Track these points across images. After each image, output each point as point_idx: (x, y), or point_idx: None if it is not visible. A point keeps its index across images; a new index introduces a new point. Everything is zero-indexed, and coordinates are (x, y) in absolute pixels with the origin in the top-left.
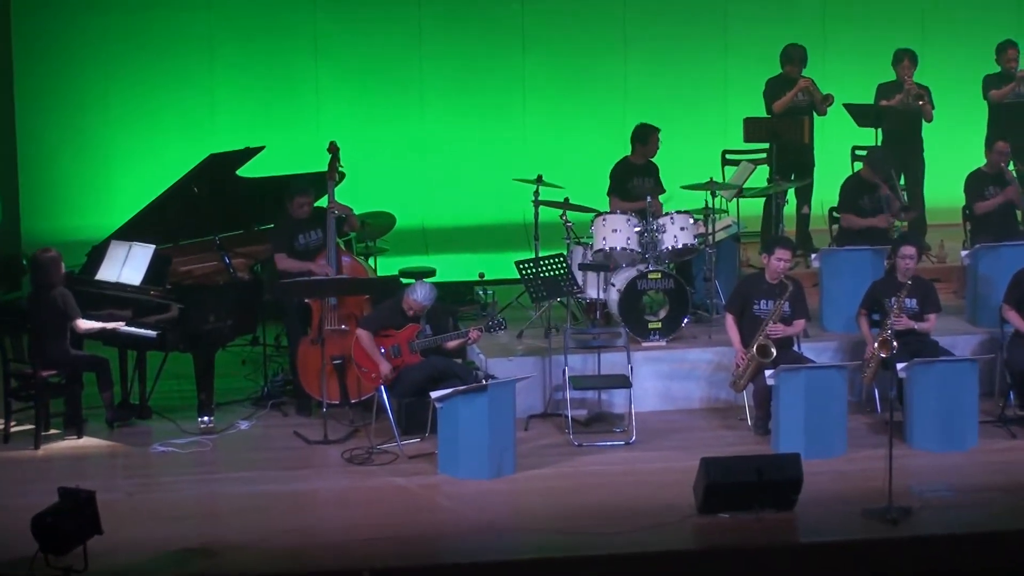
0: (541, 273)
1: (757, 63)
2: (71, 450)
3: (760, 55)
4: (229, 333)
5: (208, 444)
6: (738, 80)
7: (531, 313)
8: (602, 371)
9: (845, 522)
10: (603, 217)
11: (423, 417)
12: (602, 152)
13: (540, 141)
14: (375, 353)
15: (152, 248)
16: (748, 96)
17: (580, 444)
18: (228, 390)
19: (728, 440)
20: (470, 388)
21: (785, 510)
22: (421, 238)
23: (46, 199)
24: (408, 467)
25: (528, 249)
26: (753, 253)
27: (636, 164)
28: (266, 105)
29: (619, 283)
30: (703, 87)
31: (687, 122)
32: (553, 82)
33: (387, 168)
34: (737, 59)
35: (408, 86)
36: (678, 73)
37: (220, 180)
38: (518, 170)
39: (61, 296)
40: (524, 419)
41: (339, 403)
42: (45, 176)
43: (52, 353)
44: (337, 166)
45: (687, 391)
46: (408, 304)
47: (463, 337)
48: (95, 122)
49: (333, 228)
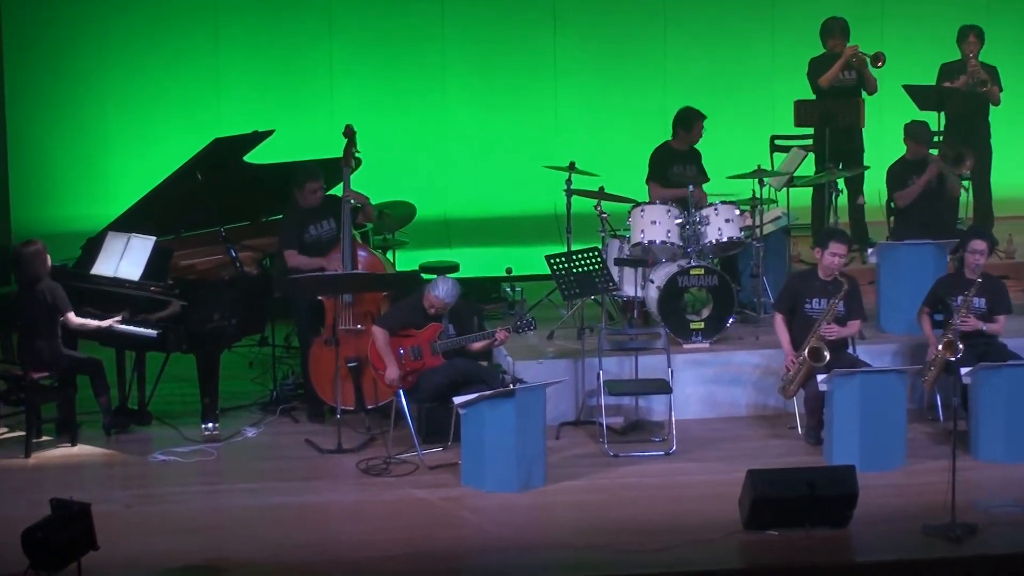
0: (574, 268)
1: (808, 42)
2: (64, 459)
3: (811, 33)
4: (235, 332)
5: (212, 453)
6: (787, 60)
7: (563, 312)
8: (640, 375)
9: (904, 540)
10: (641, 208)
11: (445, 424)
12: (640, 137)
13: (573, 125)
14: (388, 354)
15: (152, 240)
16: (798, 77)
17: (615, 454)
18: (234, 394)
19: (777, 451)
20: (496, 393)
21: (839, 527)
22: (443, 230)
23: (38, 188)
24: (429, 478)
25: (559, 242)
26: (805, 247)
27: (678, 150)
28: (276, 86)
29: (658, 280)
30: (749, 68)
31: (732, 106)
32: (587, 62)
33: (407, 154)
34: (786, 37)
35: (430, 66)
36: (722, 53)
37: (226, 167)
38: (549, 157)
39: (49, 290)
40: (555, 427)
41: (354, 409)
42: (37, 163)
43: (43, 353)
44: (353, 151)
45: (732, 397)
46: (430, 302)
47: (489, 338)
48: (91, 105)
49: (348, 218)
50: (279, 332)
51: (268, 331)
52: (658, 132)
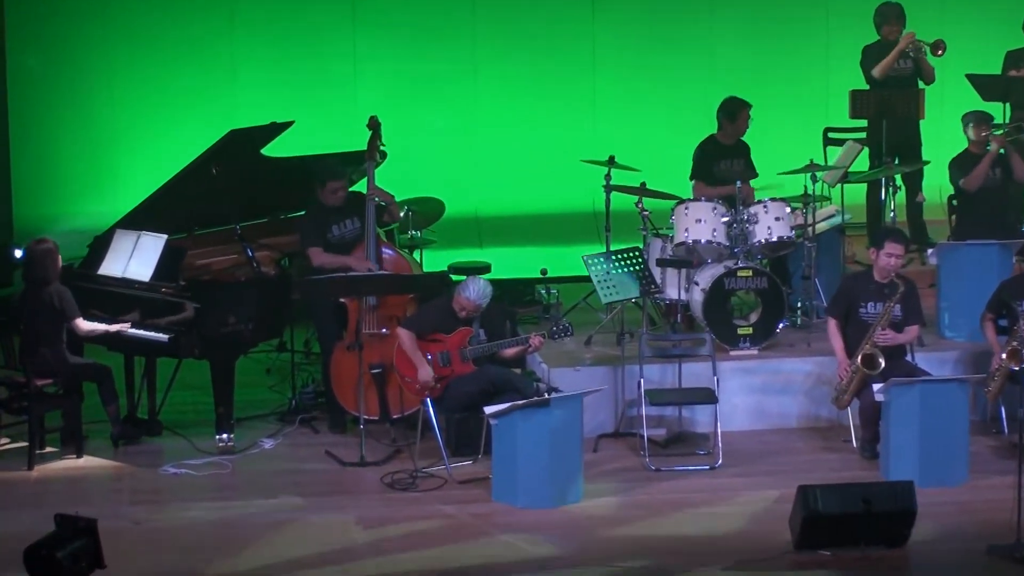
0: (613, 269)
1: (865, 27)
2: (69, 471)
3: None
4: (252, 337)
5: (227, 465)
6: (842, 47)
7: (601, 316)
8: (683, 384)
9: (966, 561)
10: (685, 205)
11: (475, 436)
12: (684, 130)
13: (612, 117)
14: (417, 357)
15: (163, 239)
16: (853, 65)
17: (657, 468)
18: (250, 403)
19: (830, 465)
20: (530, 403)
21: (896, 546)
22: (474, 228)
23: (41, 182)
24: (458, 493)
25: (598, 242)
26: (860, 247)
27: (724, 144)
28: (295, 74)
29: (704, 282)
30: (802, 55)
31: (783, 96)
32: (627, 49)
33: (435, 147)
34: (841, 22)
35: (459, 53)
36: (772, 39)
37: (242, 160)
38: (586, 150)
39: (57, 294)
40: (593, 439)
41: (378, 419)
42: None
43: (48, 359)
44: (378, 144)
45: (782, 407)
46: (460, 304)
47: (522, 344)
48: (97, 94)
49: (372, 216)
50: (298, 336)
51: (287, 335)
52: (703, 124)
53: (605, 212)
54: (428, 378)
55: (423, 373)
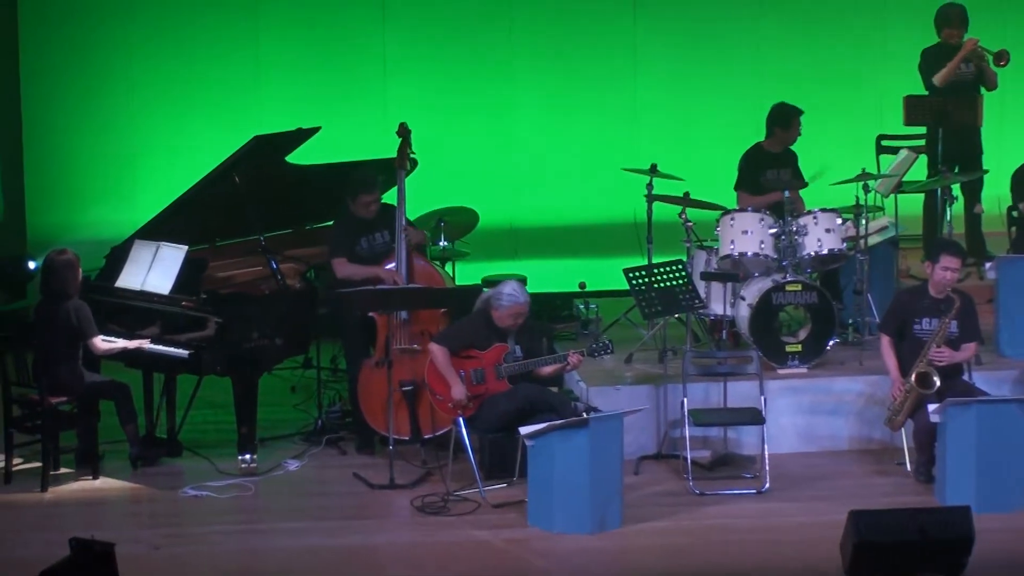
0: (655, 284)
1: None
2: (85, 493)
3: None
4: (276, 353)
5: (250, 487)
6: (898, 50)
7: (643, 332)
8: (729, 403)
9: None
10: (731, 216)
11: (510, 457)
12: (729, 137)
13: (654, 123)
14: (450, 373)
15: (184, 250)
16: (910, 69)
17: (702, 492)
18: (274, 422)
19: (883, 489)
20: (568, 423)
21: (952, 575)
22: (509, 240)
23: (56, 191)
24: (492, 518)
25: (639, 254)
26: (914, 261)
27: (772, 152)
28: (323, 78)
29: (750, 296)
30: (855, 59)
31: (834, 102)
32: (670, 52)
33: (468, 155)
34: (897, 24)
35: (495, 57)
36: (824, 41)
37: (266, 168)
38: (627, 158)
39: (75, 310)
40: (633, 461)
41: (409, 439)
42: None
43: (63, 376)
44: (408, 152)
45: (832, 429)
46: (498, 315)
47: (560, 362)
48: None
49: (402, 225)
50: (325, 353)
51: (313, 351)
52: (750, 132)
53: (647, 223)
54: (461, 396)
55: (456, 391)
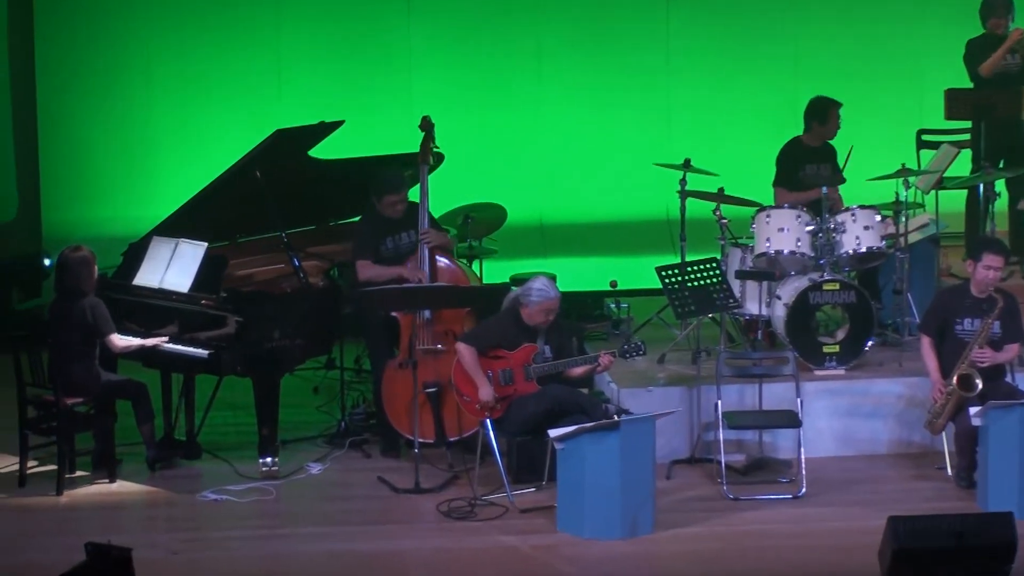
0: (688, 282)
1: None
2: (101, 497)
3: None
4: (298, 353)
5: (271, 491)
6: (939, 41)
7: (675, 332)
8: (764, 406)
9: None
10: (767, 212)
11: (539, 461)
12: (765, 131)
13: (688, 117)
14: (478, 373)
15: (204, 247)
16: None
17: (736, 497)
18: (297, 424)
19: (923, 494)
20: (598, 425)
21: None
22: (538, 237)
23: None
24: (520, 523)
25: (672, 252)
26: (956, 259)
27: (810, 147)
28: (346, 71)
29: (786, 296)
30: (894, 50)
31: (874, 95)
32: (705, 43)
33: (496, 149)
34: (939, 14)
35: (523, 48)
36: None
37: (288, 163)
38: (659, 153)
39: (91, 307)
40: (666, 465)
41: (434, 442)
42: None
43: (78, 376)
44: (431, 146)
45: (871, 432)
46: (528, 312)
47: (591, 363)
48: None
49: (426, 222)
50: (348, 353)
51: (336, 352)
52: (786, 126)
53: (680, 220)
54: (489, 397)
55: (484, 392)
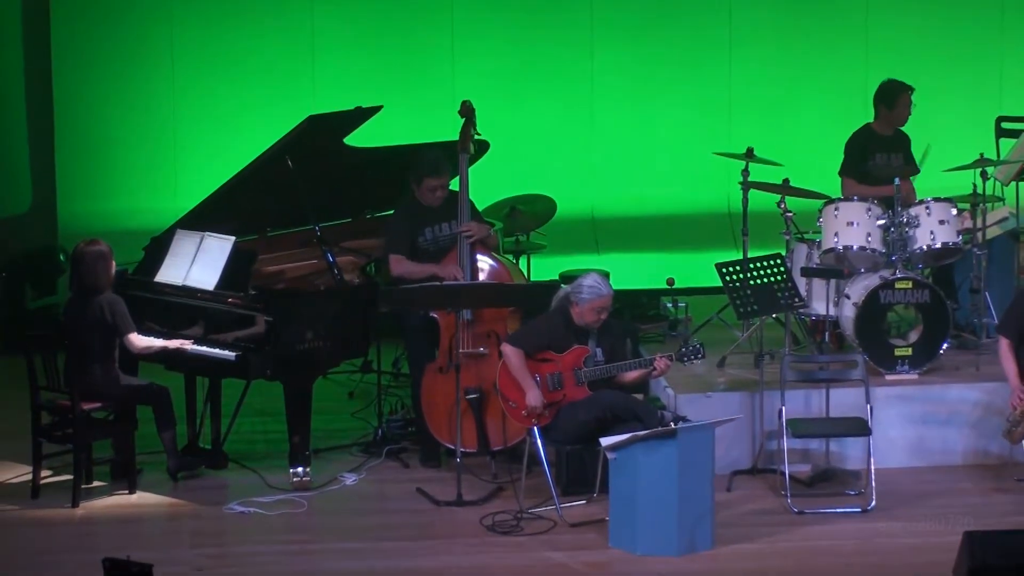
0: (751, 280)
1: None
2: (120, 509)
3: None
4: (332, 355)
5: (302, 504)
6: (1019, 24)
7: (737, 334)
8: (831, 413)
9: None
10: (835, 205)
11: (590, 471)
12: (834, 118)
13: (751, 103)
14: (526, 378)
15: (231, 241)
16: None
17: (801, 511)
18: (330, 432)
19: (1000, 508)
20: (653, 434)
21: None
22: (590, 231)
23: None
24: (570, 538)
25: (734, 248)
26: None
27: (881, 135)
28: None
29: (856, 295)
30: (972, 33)
31: (950, 80)
32: (769, 25)
33: (545, 137)
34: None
35: (574, 30)
36: (938, 16)
37: (322, 151)
38: (720, 142)
39: (109, 305)
40: (726, 476)
41: (477, 451)
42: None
43: (96, 378)
44: (472, 133)
45: (946, 441)
46: (579, 311)
47: (646, 367)
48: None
49: (467, 213)
50: (386, 356)
51: (372, 354)
52: (857, 111)
53: (742, 213)
54: (537, 402)
55: (532, 396)
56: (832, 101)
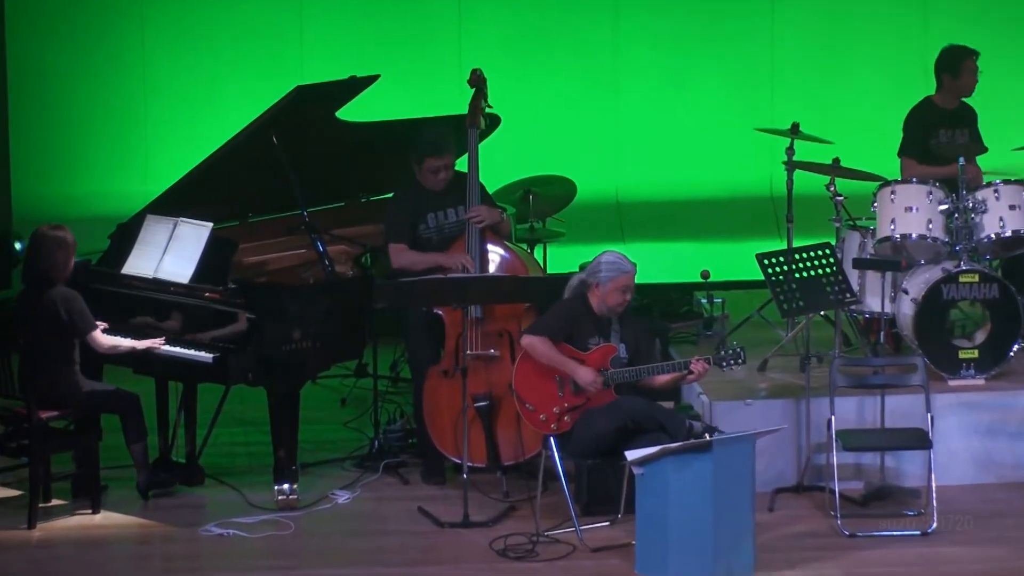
0: (796, 272)
1: None
2: (83, 531)
3: None
4: (322, 358)
5: (289, 525)
6: None
7: (780, 333)
8: (887, 423)
9: None
10: (892, 188)
11: (614, 489)
12: (891, 90)
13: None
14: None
15: (208, 228)
16: None
17: (852, 534)
18: (321, 444)
19: None
20: (686, 446)
21: None
22: (614, 217)
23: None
24: (591, 564)
25: (776, 236)
26: None
27: (945, 108)
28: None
29: (915, 290)
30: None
31: (1020, 43)
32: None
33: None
34: None
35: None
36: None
37: (312, 126)
38: (761, 116)
39: (63, 300)
40: (768, 494)
41: (486, 466)
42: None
43: (55, 384)
44: (482, 106)
45: (1016, 455)
46: (600, 295)
47: (681, 370)
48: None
49: (477, 197)
50: (383, 358)
51: (368, 356)
52: (916, 82)
53: (786, 197)
54: (592, 378)
55: (583, 373)
56: (888, 69)
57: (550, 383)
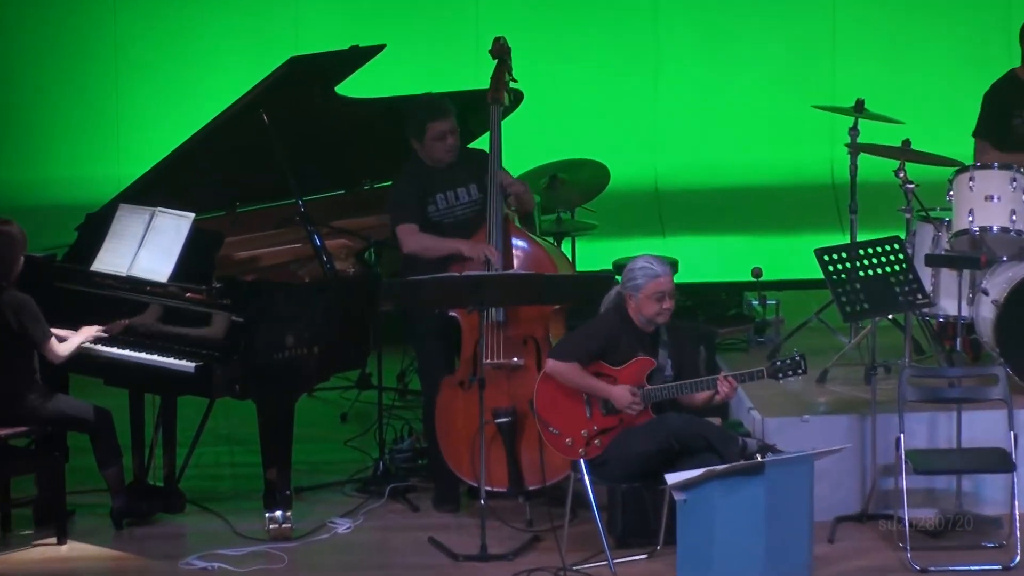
0: (860, 271)
1: None
2: (47, 564)
3: None
4: (320, 367)
5: (282, 558)
6: None
7: (842, 340)
8: (964, 443)
9: None
10: (970, 175)
11: (652, 518)
12: (967, 64)
13: (860, 43)
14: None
15: (190, 219)
16: None
17: (924, 568)
18: (318, 465)
19: None
20: (734, 468)
21: None
22: (653, 207)
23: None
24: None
25: (838, 230)
26: None
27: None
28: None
29: (996, 290)
30: None
31: None
32: None
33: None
34: None
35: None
36: None
37: (308, 102)
38: (820, 93)
39: (13, 307)
40: (828, 523)
41: (508, 490)
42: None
43: (13, 398)
44: (505, 79)
45: None
46: (637, 304)
47: (709, 388)
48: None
49: (498, 186)
50: (389, 367)
51: (372, 366)
52: (996, 56)
53: (849, 184)
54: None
55: (618, 392)
56: (964, 41)
57: (577, 404)
